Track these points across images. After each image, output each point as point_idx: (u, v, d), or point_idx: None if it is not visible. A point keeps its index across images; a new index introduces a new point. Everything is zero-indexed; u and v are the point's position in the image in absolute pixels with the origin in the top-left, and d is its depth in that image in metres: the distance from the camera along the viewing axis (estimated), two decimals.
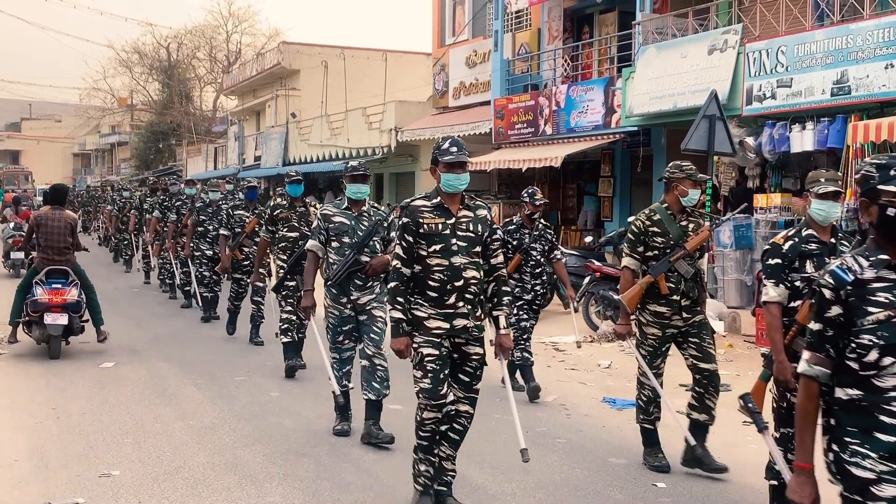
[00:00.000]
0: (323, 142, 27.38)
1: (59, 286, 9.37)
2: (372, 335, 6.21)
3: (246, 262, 10.67)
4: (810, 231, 4.67)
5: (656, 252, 5.69)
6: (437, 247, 4.62)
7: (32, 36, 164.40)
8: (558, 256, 8.01)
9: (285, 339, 8.49)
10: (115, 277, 18.24)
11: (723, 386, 8.31)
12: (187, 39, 51.80)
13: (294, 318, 8.38)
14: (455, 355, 4.70)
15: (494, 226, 4.82)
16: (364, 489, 5.26)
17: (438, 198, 4.73)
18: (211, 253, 12.16)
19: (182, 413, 7.07)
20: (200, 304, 12.60)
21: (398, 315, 4.64)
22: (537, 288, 7.89)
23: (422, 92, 25.23)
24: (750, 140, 12.23)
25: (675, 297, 5.63)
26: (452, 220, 4.68)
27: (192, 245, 12.48)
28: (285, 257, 8.52)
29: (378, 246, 6.33)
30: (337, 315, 6.25)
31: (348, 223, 6.27)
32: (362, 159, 6.77)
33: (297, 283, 8.24)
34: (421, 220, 4.66)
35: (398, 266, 4.68)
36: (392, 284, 4.66)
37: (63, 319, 9.24)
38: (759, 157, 12.37)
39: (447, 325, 4.63)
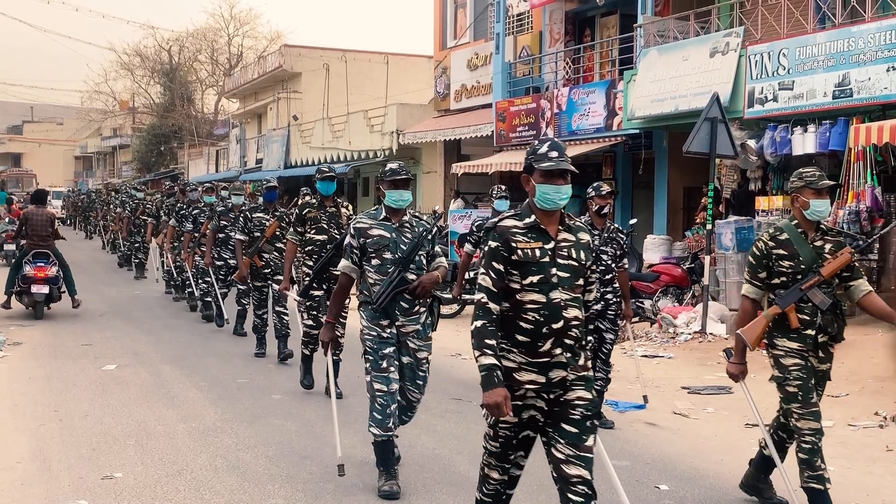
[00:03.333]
0: (324, 144, 27.40)
1: (42, 264, 12.20)
2: (418, 381, 5.45)
3: (266, 270, 9.69)
4: None
5: (784, 279, 4.82)
6: (535, 278, 3.71)
7: (34, 38, 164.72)
8: (625, 265, 7.14)
9: (305, 352, 7.93)
10: (121, 282, 18.25)
11: (725, 388, 8.36)
12: (189, 42, 51.93)
13: (315, 332, 7.63)
14: (555, 408, 3.75)
15: (594, 253, 3.96)
16: (367, 490, 5.26)
17: (532, 216, 3.79)
18: (234, 262, 11.07)
19: (184, 415, 7.07)
20: (224, 312, 11.70)
21: (490, 361, 3.65)
22: (608, 296, 7.00)
23: (423, 95, 25.25)
24: (752, 143, 12.23)
25: (808, 332, 4.76)
26: (552, 245, 3.76)
27: (213, 254, 11.58)
28: (311, 262, 7.72)
29: (424, 261, 5.40)
30: (375, 336, 5.28)
31: (389, 236, 5.33)
32: (399, 161, 5.50)
33: (324, 297, 7.58)
34: (514, 245, 3.73)
35: (485, 302, 3.73)
36: (478, 324, 3.72)
37: (45, 289, 12.22)
38: (760, 159, 12.36)
39: (543, 379, 3.71)
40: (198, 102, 54.08)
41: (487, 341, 3.68)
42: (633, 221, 14.51)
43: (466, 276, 9.48)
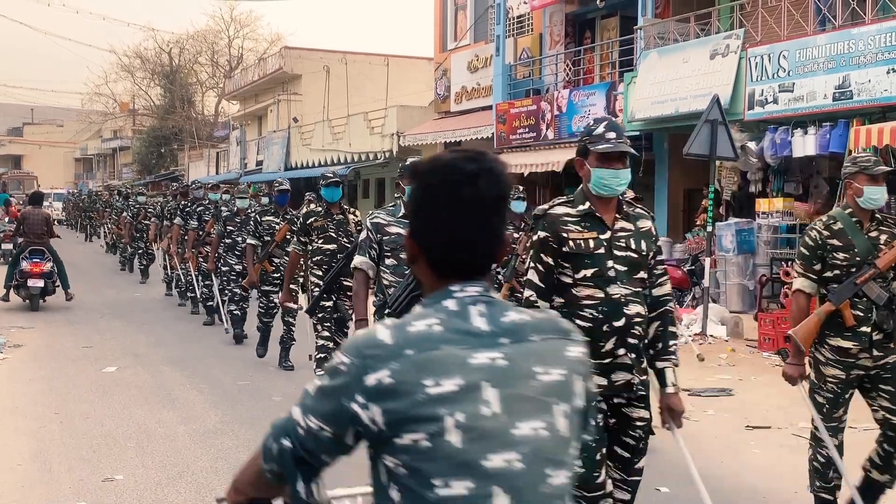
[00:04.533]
0: (325, 146, 27.41)
1: (38, 260, 13.23)
2: None
3: (276, 275, 9.49)
4: None
5: (838, 272, 4.38)
6: (589, 272, 3.41)
7: (34, 40, 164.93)
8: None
9: (321, 371, 7.46)
10: (122, 284, 18.25)
11: (726, 391, 8.37)
12: (189, 44, 51.95)
13: (332, 344, 7.05)
14: (611, 420, 3.51)
15: (658, 242, 3.64)
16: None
17: (587, 203, 3.48)
18: (240, 268, 10.56)
19: (185, 417, 7.07)
20: (227, 322, 11.18)
21: None
22: None
23: (423, 97, 25.26)
24: (752, 145, 12.24)
25: (863, 329, 4.36)
26: (608, 235, 3.46)
27: (216, 257, 11.18)
28: (320, 273, 7.24)
29: None
30: None
31: None
32: (422, 157, 5.31)
33: (336, 304, 7.09)
34: (565, 235, 3.43)
35: (533, 300, 3.43)
36: None
37: (40, 283, 13.24)
38: (761, 161, 12.37)
39: (605, 381, 3.43)
40: (198, 104, 54.13)
41: None
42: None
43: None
